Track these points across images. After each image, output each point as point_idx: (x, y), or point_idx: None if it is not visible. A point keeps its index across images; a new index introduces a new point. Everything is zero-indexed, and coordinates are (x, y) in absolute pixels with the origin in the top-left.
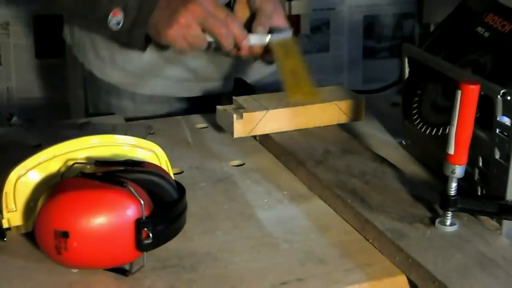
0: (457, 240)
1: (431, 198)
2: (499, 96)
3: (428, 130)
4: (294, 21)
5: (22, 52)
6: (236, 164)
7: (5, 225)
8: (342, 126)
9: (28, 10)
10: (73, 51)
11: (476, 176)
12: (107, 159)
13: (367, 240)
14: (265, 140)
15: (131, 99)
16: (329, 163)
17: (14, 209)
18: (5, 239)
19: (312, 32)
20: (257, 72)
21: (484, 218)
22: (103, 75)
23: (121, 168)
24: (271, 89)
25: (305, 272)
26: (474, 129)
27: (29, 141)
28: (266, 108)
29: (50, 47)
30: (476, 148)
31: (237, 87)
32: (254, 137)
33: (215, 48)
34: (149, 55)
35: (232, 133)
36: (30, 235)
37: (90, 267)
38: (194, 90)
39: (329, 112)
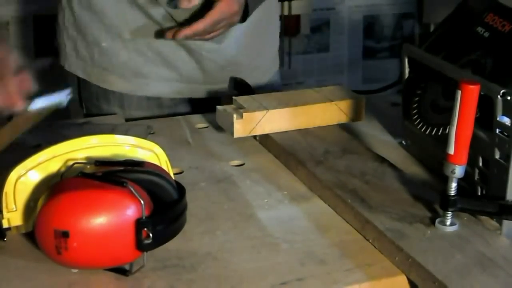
0: (457, 240)
1: (431, 198)
2: (499, 96)
3: (428, 130)
4: (294, 21)
5: (22, 52)
6: (236, 164)
7: (5, 225)
8: (342, 126)
9: (28, 10)
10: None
11: (476, 176)
12: (107, 159)
13: (367, 240)
14: (265, 140)
15: (120, 106)
16: (329, 163)
17: (14, 209)
18: (5, 239)
19: (312, 32)
20: (256, 76)
21: (484, 218)
22: (91, 79)
23: (121, 168)
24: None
25: (305, 272)
26: (474, 129)
27: (29, 141)
28: (266, 108)
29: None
30: (476, 148)
31: (236, 87)
32: (254, 137)
33: None
34: (133, 54)
35: (232, 133)
36: (30, 235)
37: (90, 267)
38: (194, 92)
39: (329, 112)
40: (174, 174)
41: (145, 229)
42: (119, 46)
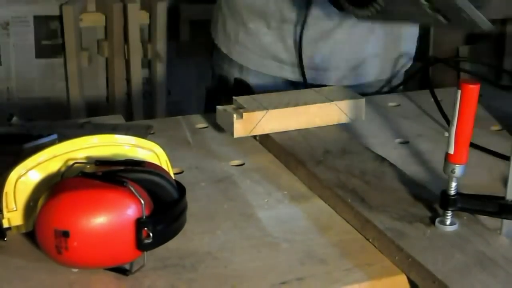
0: (457, 239)
1: (431, 198)
2: None
3: None
4: None
5: (22, 52)
6: (236, 164)
7: (5, 224)
8: (342, 126)
9: (28, 10)
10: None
11: None
12: (108, 159)
13: (367, 239)
14: (265, 140)
15: (239, 70)
16: (329, 163)
17: (14, 209)
18: (5, 239)
19: None
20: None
21: (484, 217)
22: (228, 51)
23: (122, 167)
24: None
25: (305, 272)
26: None
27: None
28: (266, 108)
29: (50, 47)
30: None
31: (236, 88)
32: (254, 137)
33: None
34: (269, 37)
35: (232, 133)
36: (30, 235)
37: (91, 266)
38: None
39: (329, 112)
40: (174, 174)
41: (145, 228)
42: (264, 30)
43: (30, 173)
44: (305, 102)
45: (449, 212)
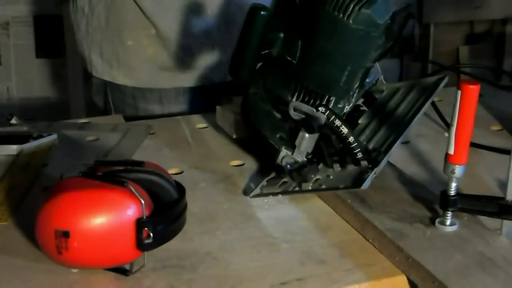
0: (457, 240)
1: (431, 198)
2: None
3: None
4: None
5: (22, 52)
6: (236, 164)
7: None
8: None
9: (28, 10)
10: (85, 64)
11: None
12: (108, 159)
13: (367, 240)
14: None
15: (159, 103)
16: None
17: None
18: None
19: None
20: None
21: (484, 218)
22: (111, 78)
23: (121, 168)
24: None
25: (305, 272)
26: None
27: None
28: None
29: (50, 47)
30: None
31: (236, 87)
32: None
33: None
34: (152, 47)
35: (232, 133)
36: (30, 235)
37: (91, 267)
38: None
39: None
40: (174, 174)
41: (146, 228)
42: (144, 42)
43: None
44: None
45: (449, 212)
